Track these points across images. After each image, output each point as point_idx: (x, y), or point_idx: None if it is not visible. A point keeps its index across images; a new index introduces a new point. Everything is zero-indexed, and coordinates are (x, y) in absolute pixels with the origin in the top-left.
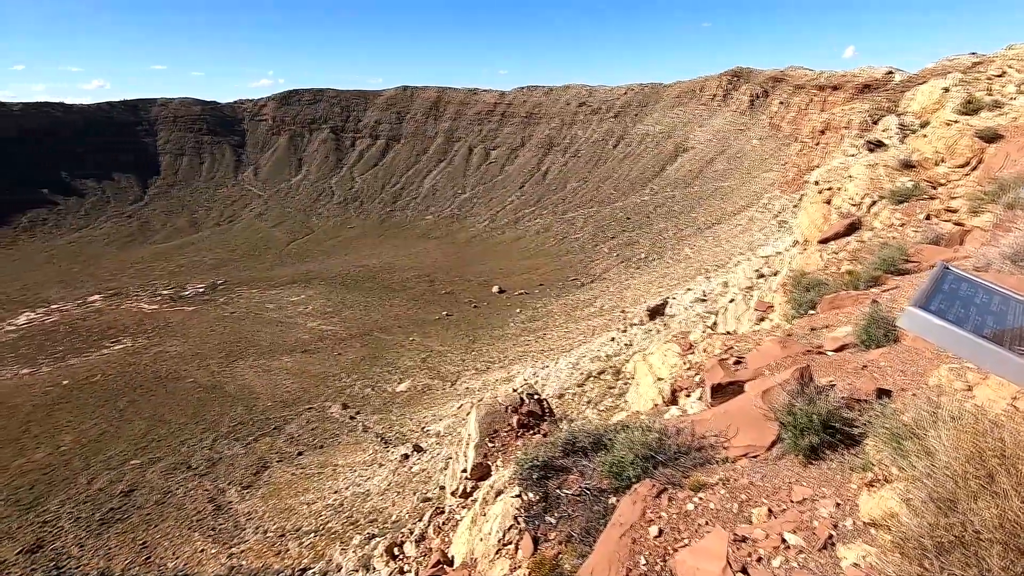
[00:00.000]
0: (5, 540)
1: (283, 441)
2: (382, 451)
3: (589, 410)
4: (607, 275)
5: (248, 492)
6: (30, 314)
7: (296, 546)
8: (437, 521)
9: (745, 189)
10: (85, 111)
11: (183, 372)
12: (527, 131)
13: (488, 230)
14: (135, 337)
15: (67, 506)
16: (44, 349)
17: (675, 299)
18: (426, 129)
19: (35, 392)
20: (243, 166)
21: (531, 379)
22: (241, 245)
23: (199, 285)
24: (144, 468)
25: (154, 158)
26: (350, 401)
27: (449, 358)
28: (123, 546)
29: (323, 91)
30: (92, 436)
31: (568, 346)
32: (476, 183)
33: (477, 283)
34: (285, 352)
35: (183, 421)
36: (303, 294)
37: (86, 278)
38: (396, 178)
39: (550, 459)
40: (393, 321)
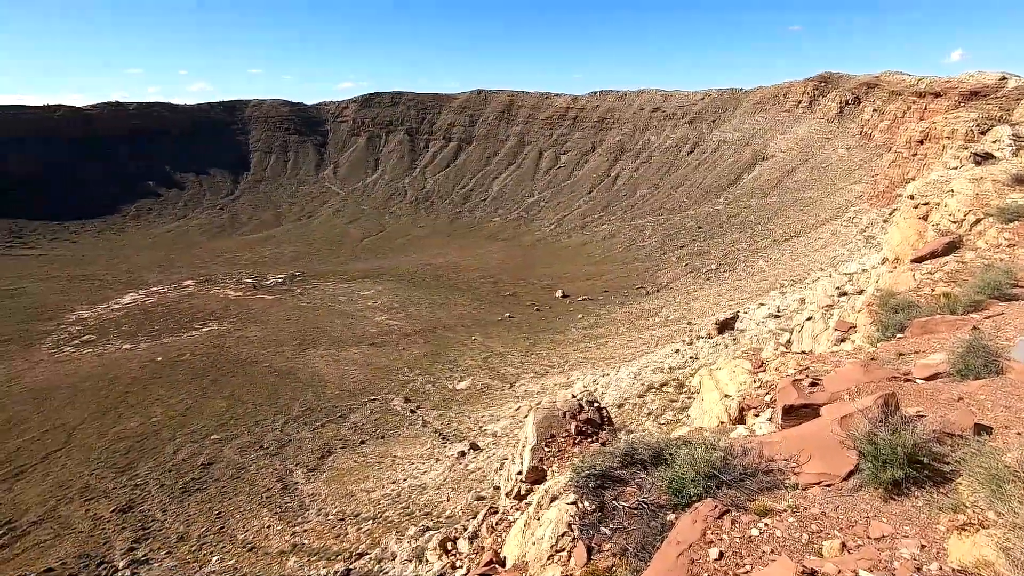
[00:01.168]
0: (102, 498)
1: (347, 429)
2: (440, 446)
3: (649, 422)
4: (674, 285)
5: (313, 475)
6: (133, 295)
7: (354, 531)
8: (490, 520)
9: (829, 201)
10: (189, 111)
11: (261, 357)
12: (598, 136)
13: (554, 234)
14: (220, 321)
15: (154, 473)
16: (143, 327)
17: (746, 313)
18: (498, 132)
19: (133, 366)
20: (324, 164)
21: (590, 386)
22: (318, 239)
23: (279, 276)
24: (222, 444)
25: (246, 155)
26: (412, 395)
27: (509, 359)
28: (200, 514)
29: (401, 94)
30: (179, 410)
31: (630, 355)
32: (544, 187)
33: (540, 287)
34: (353, 344)
35: (258, 403)
36: (373, 289)
37: (182, 264)
38: (466, 180)
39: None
40: (457, 320)
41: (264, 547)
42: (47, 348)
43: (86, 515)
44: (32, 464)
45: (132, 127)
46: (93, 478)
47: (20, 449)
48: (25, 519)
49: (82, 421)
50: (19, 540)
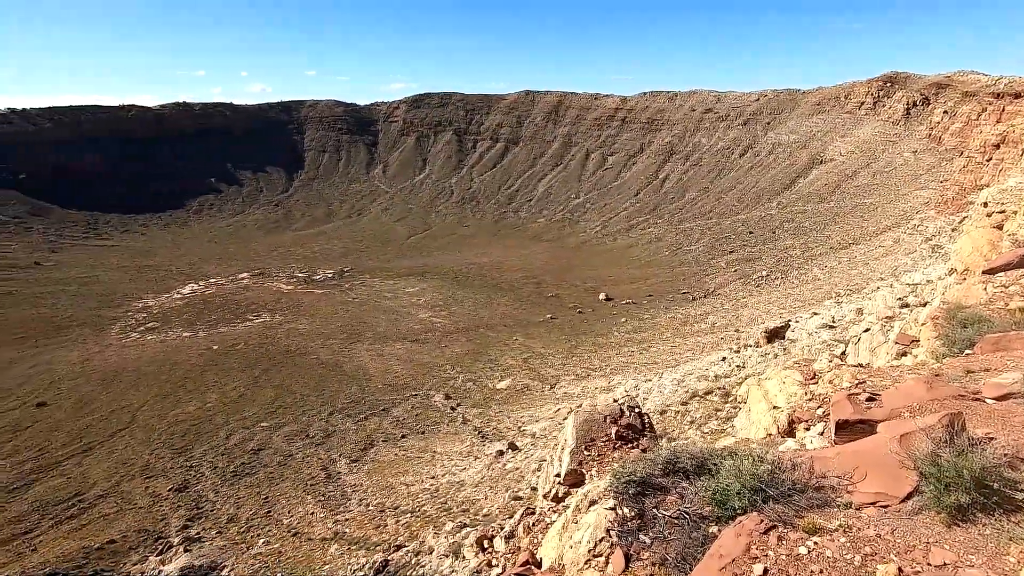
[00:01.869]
0: (160, 477)
1: (389, 423)
2: (478, 444)
3: (692, 431)
4: (722, 291)
5: (355, 466)
6: (194, 285)
7: (393, 523)
8: (527, 521)
9: (892, 207)
10: (248, 111)
11: (309, 349)
12: (647, 137)
13: (599, 236)
14: (272, 313)
15: (208, 455)
16: (202, 316)
17: (798, 323)
18: (545, 133)
19: (192, 353)
20: (374, 164)
21: (632, 391)
22: (367, 236)
23: (328, 271)
24: (271, 431)
25: (300, 154)
26: (452, 392)
27: (550, 361)
28: (249, 498)
29: (450, 95)
30: (232, 397)
31: (674, 361)
32: (590, 188)
33: (584, 289)
34: (397, 339)
35: (306, 393)
36: (417, 286)
37: (238, 258)
38: (512, 180)
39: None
40: (499, 319)
41: (307, 533)
42: (116, 333)
43: (146, 492)
44: (100, 441)
45: (197, 126)
46: (153, 457)
47: (89, 427)
48: (92, 492)
49: (144, 403)
50: (86, 512)
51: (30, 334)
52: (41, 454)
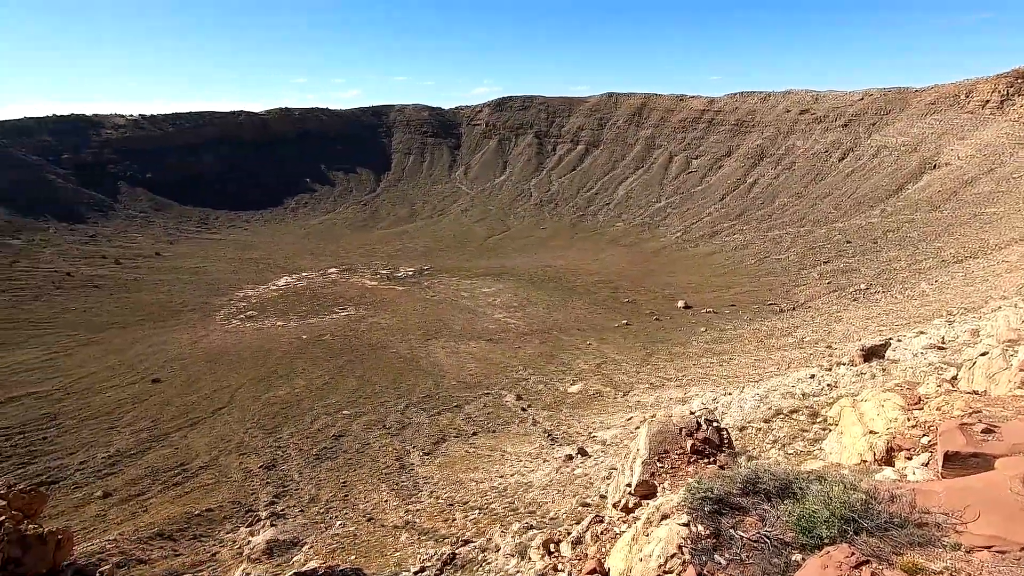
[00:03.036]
0: (252, 455)
1: (461, 419)
2: (548, 447)
3: (774, 450)
4: (813, 304)
5: (428, 458)
6: (287, 278)
7: (462, 517)
8: (595, 529)
9: (1019, 218)
10: (342, 115)
11: (389, 343)
12: (735, 140)
13: (680, 242)
14: (357, 307)
15: (295, 437)
16: (294, 307)
17: (900, 342)
18: (626, 136)
19: (284, 341)
20: (456, 166)
21: (710, 404)
22: (447, 236)
23: (409, 269)
24: (351, 419)
25: (388, 156)
26: (524, 393)
27: (624, 368)
28: (329, 481)
29: (532, 98)
30: (318, 384)
31: (756, 376)
32: (672, 192)
33: (662, 295)
34: (472, 338)
35: (384, 385)
36: (494, 287)
37: (328, 253)
38: (591, 183)
39: (726, 494)
40: (573, 323)
41: (381, 519)
42: (220, 319)
43: (239, 467)
44: (203, 418)
45: (297, 130)
46: (247, 436)
47: (195, 404)
48: (195, 464)
49: (242, 385)
50: (189, 480)
51: (149, 316)
52: (154, 425)
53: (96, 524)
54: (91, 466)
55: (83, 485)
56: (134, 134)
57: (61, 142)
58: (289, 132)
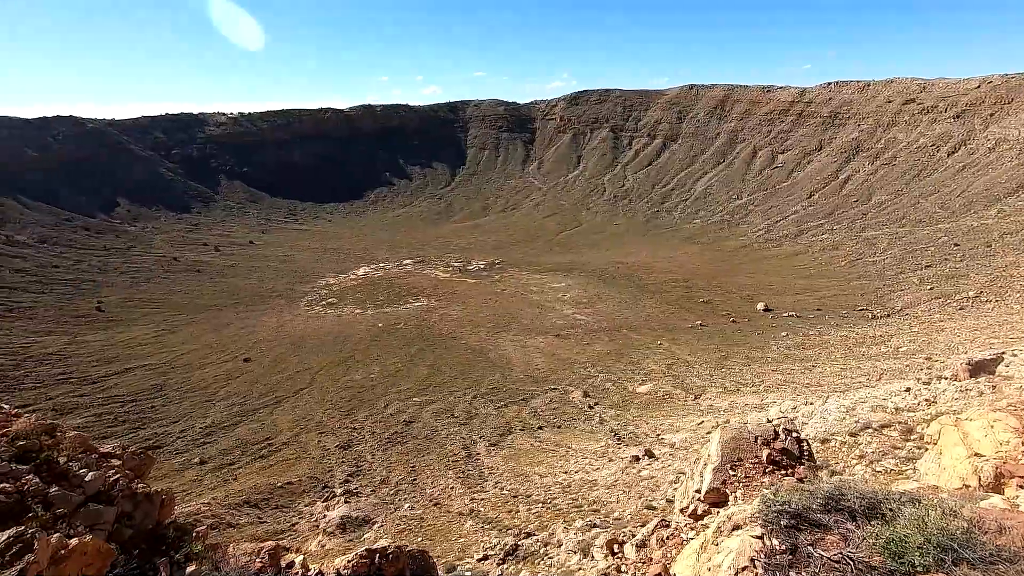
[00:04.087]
0: (330, 434)
1: (528, 413)
2: (614, 447)
3: (861, 467)
4: (911, 311)
5: (493, 449)
6: (366, 268)
7: (525, 510)
8: (661, 533)
9: None
10: (420, 111)
11: (459, 334)
12: (827, 133)
13: (762, 241)
14: (429, 298)
15: (368, 421)
16: (371, 296)
17: (1016, 357)
18: (707, 129)
19: (361, 328)
20: (530, 160)
21: (789, 413)
22: (518, 231)
23: (481, 262)
24: (422, 406)
25: (463, 151)
26: (591, 391)
27: (696, 370)
28: (399, 464)
29: (609, 91)
30: (391, 371)
31: (843, 386)
32: (755, 189)
33: (739, 297)
34: (540, 333)
35: (453, 375)
36: (564, 282)
37: (404, 245)
38: (668, 179)
39: (804, 509)
40: (643, 322)
41: (446, 505)
42: (304, 305)
43: (318, 445)
44: (287, 397)
45: (378, 126)
46: (325, 416)
47: (280, 383)
48: (278, 439)
49: (322, 368)
50: (273, 454)
51: (242, 300)
52: (244, 401)
53: (192, 488)
54: (190, 435)
55: (183, 452)
56: (233, 130)
57: (172, 138)
58: (371, 128)
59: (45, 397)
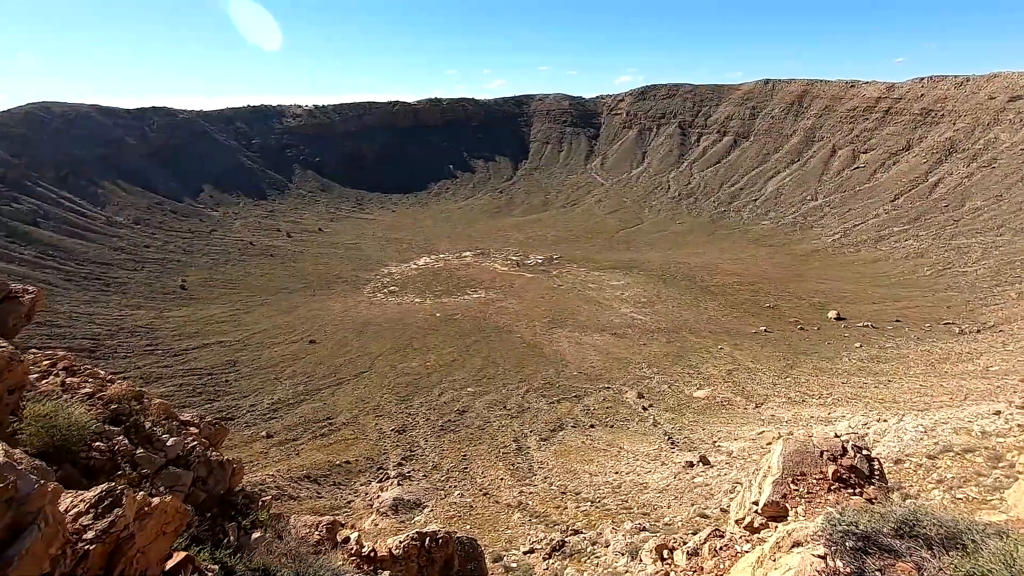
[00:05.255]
0: (386, 418)
1: (580, 410)
2: (667, 450)
3: (939, 492)
4: (1006, 328)
5: (544, 444)
6: (427, 259)
7: (573, 507)
8: (715, 543)
9: None
10: (485, 105)
11: (514, 327)
12: (917, 132)
13: (837, 245)
14: (487, 291)
15: (423, 408)
16: (430, 287)
17: None
18: (782, 126)
19: (420, 317)
20: (593, 156)
21: (859, 429)
22: (578, 227)
23: (539, 256)
24: (475, 397)
25: (526, 145)
26: (646, 392)
27: (759, 378)
28: (451, 452)
29: (678, 86)
30: (447, 360)
31: (922, 404)
32: (832, 190)
33: (809, 303)
34: (596, 330)
35: (507, 368)
36: (622, 280)
37: (464, 237)
38: (737, 177)
39: (874, 532)
40: (704, 324)
41: (495, 496)
42: (367, 292)
43: (375, 427)
44: (348, 379)
45: (444, 119)
46: (383, 400)
47: (342, 366)
48: (339, 419)
49: (381, 353)
50: (333, 433)
51: (310, 285)
52: (308, 380)
53: (259, 460)
54: (258, 410)
55: (252, 425)
56: (308, 122)
57: (252, 129)
58: (437, 121)
59: (134, 366)
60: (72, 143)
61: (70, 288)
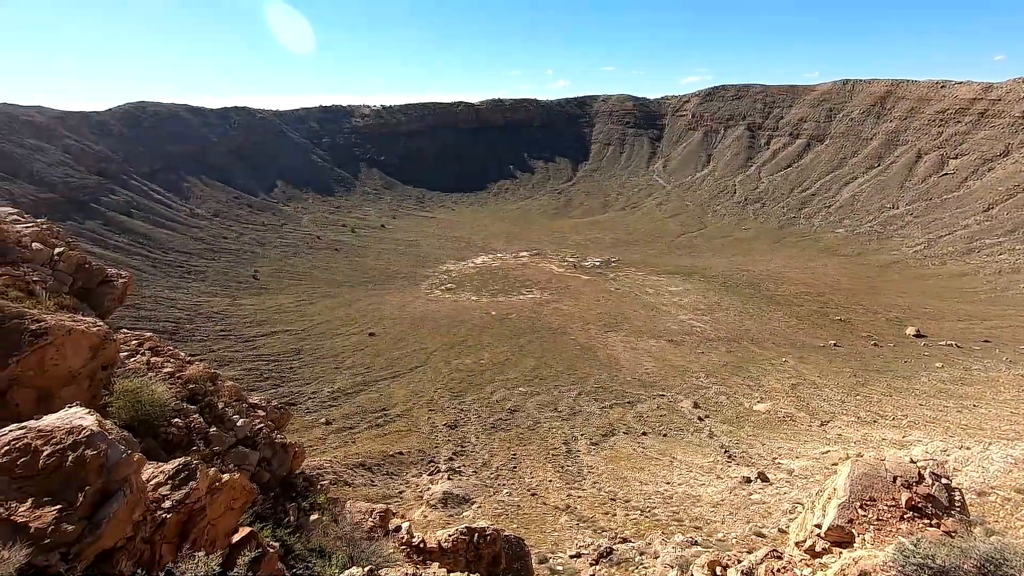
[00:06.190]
0: (439, 412)
1: (632, 416)
2: (723, 464)
3: None
4: None
5: (594, 449)
6: (484, 257)
7: (622, 514)
8: (772, 564)
9: None
10: (547, 106)
11: (568, 329)
12: (1018, 136)
13: (919, 257)
14: (542, 291)
15: (475, 405)
16: (486, 285)
17: None
18: (862, 129)
19: (475, 315)
20: (655, 158)
21: (938, 456)
22: (637, 230)
23: (596, 259)
24: (527, 397)
25: (587, 146)
26: (702, 402)
27: (825, 394)
28: (501, 450)
29: (748, 87)
30: (500, 359)
31: (1012, 433)
32: (916, 197)
33: (885, 318)
34: (652, 336)
35: (560, 370)
36: (681, 286)
37: (521, 238)
38: (809, 182)
39: (953, 568)
40: (767, 335)
41: (543, 497)
42: (425, 288)
43: (428, 421)
44: (403, 372)
45: (506, 119)
46: (436, 395)
47: (399, 359)
48: (393, 411)
49: (436, 349)
50: (388, 424)
51: (371, 279)
52: (367, 372)
53: (318, 445)
54: (319, 397)
55: (312, 411)
56: (375, 122)
57: (323, 128)
58: (499, 121)
59: (209, 349)
60: (163, 140)
61: (156, 274)
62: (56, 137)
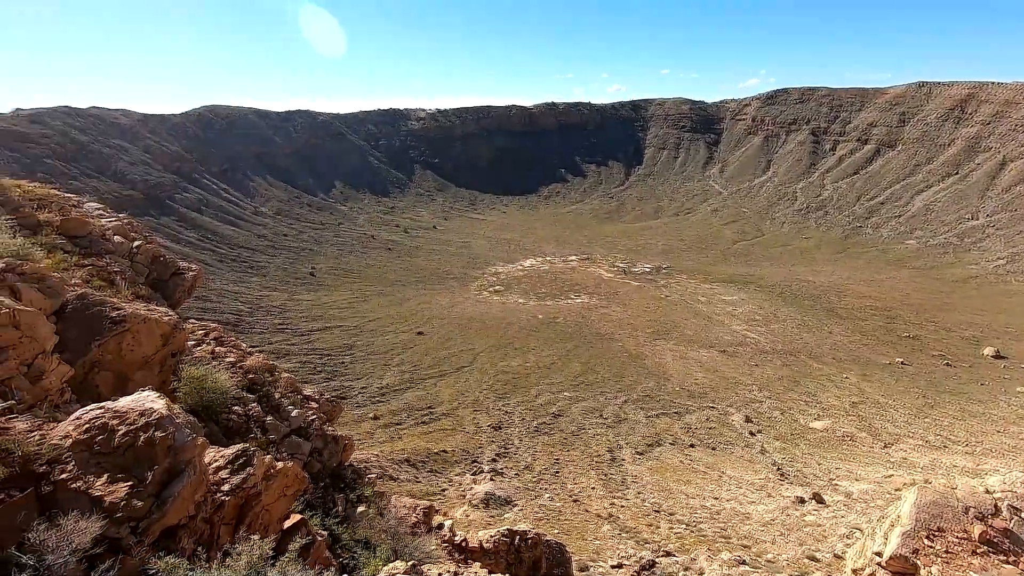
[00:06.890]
0: (484, 413)
1: (680, 427)
2: (775, 482)
3: None
4: None
5: (639, 458)
6: (533, 260)
7: (666, 527)
8: None
9: None
10: (601, 109)
11: (616, 335)
12: None
13: (1000, 272)
14: (591, 296)
15: (519, 407)
16: (534, 288)
17: None
18: (938, 135)
19: (522, 317)
20: (712, 163)
21: (1018, 487)
22: (690, 236)
23: (647, 265)
24: (572, 402)
25: (641, 150)
26: (754, 416)
27: (889, 415)
28: (544, 454)
29: (813, 90)
30: (545, 363)
31: None
32: (998, 208)
33: (960, 337)
34: (703, 346)
35: (606, 376)
36: (736, 295)
37: (571, 242)
38: (878, 190)
39: None
40: (828, 350)
41: (586, 504)
42: (474, 289)
43: (472, 421)
44: (450, 372)
45: (559, 123)
46: (481, 395)
47: (446, 359)
48: (439, 409)
49: (483, 350)
50: (433, 422)
51: (422, 279)
52: (414, 369)
53: (365, 439)
54: (368, 392)
55: (361, 406)
56: (430, 125)
57: (380, 130)
58: (552, 125)
59: (267, 341)
60: (232, 141)
61: (222, 269)
62: (138, 138)
